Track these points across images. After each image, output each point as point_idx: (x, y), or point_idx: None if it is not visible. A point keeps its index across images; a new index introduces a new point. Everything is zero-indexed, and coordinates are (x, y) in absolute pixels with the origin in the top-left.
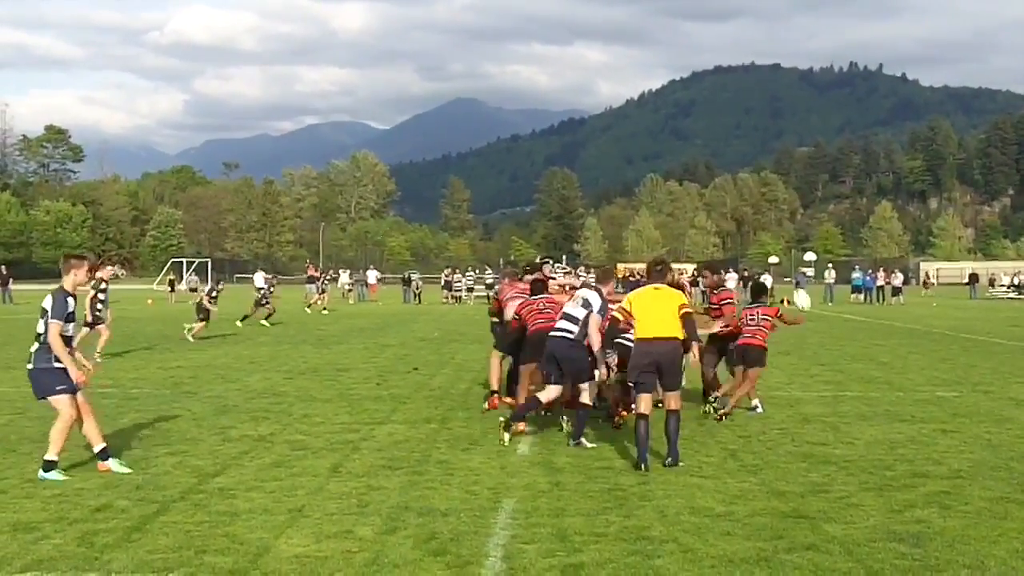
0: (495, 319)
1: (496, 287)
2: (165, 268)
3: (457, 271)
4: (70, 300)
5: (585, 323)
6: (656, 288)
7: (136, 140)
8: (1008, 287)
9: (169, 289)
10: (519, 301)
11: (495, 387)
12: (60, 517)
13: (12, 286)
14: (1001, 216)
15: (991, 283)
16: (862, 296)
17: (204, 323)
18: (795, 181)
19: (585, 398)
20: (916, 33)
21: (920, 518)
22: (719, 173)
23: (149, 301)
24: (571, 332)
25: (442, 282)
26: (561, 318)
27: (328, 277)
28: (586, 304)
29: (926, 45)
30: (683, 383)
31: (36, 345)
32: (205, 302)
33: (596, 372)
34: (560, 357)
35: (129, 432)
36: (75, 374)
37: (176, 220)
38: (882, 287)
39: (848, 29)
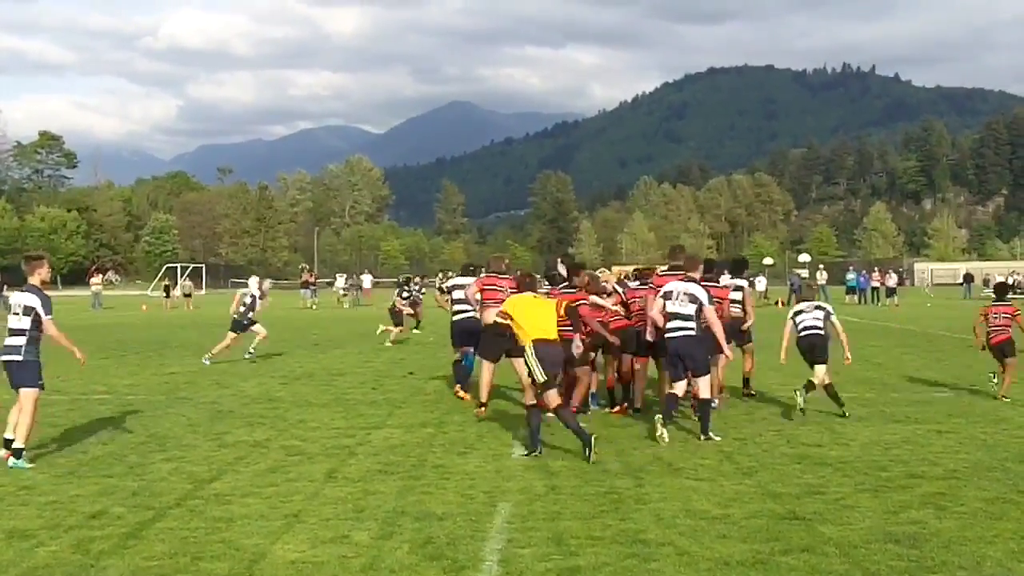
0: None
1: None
2: (160, 274)
3: (451, 273)
4: None
5: (699, 316)
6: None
7: (130, 146)
8: (990, 290)
9: (164, 295)
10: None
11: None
12: (56, 524)
13: (6, 292)
14: (995, 216)
15: (985, 283)
16: (856, 297)
17: (400, 328)
18: (789, 182)
19: (705, 392)
20: (908, 33)
21: (916, 519)
22: (713, 175)
23: (144, 307)
24: (692, 329)
25: (436, 286)
26: (672, 318)
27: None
28: (693, 299)
29: (919, 45)
30: None
31: (20, 339)
32: (398, 304)
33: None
34: (684, 354)
35: (125, 438)
36: (81, 355)
37: (170, 226)
38: (876, 288)
39: (841, 30)
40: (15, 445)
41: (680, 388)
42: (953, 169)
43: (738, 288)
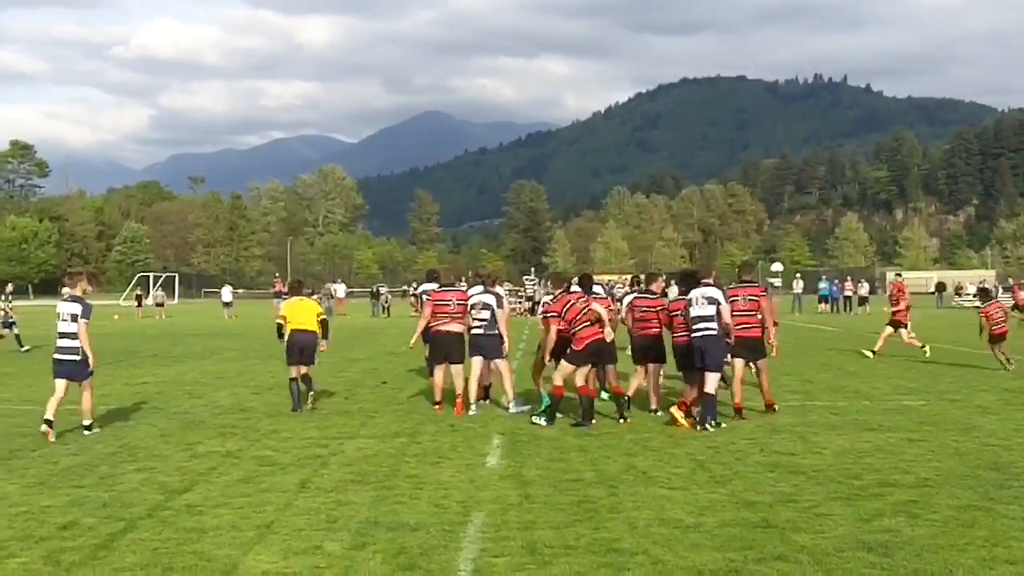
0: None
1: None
2: (132, 283)
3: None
4: None
5: (719, 316)
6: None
7: (101, 155)
8: (974, 296)
9: (136, 304)
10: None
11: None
12: (26, 535)
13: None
14: (966, 226)
15: (957, 292)
16: (828, 306)
17: None
18: (761, 192)
19: (711, 388)
20: (879, 45)
21: (888, 527)
22: (686, 185)
23: (116, 316)
24: (713, 329)
25: (410, 293)
26: (697, 320)
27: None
28: (712, 301)
29: (889, 57)
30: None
31: (75, 341)
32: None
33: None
34: (707, 351)
35: (96, 448)
36: (94, 360)
37: (142, 235)
38: (848, 297)
39: (812, 41)
40: (85, 422)
41: (712, 386)
42: (924, 179)
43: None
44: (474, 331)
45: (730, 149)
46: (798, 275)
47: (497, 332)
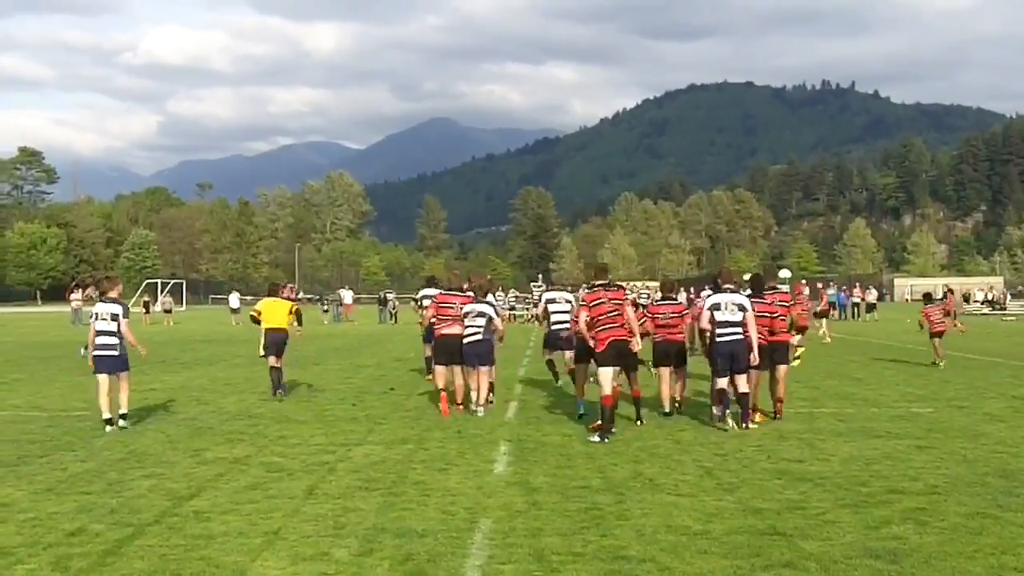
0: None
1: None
2: (139, 290)
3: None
4: None
5: (745, 323)
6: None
7: (110, 162)
8: (982, 303)
9: (143, 311)
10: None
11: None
12: (35, 541)
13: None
14: (974, 232)
15: (965, 299)
16: (836, 313)
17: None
18: (769, 198)
19: (745, 387)
20: (887, 51)
21: (896, 534)
22: (693, 191)
23: None
24: (740, 333)
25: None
26: (724, 325)
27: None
28: (741, 308)
29: (897, 63)
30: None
31: (114, 338)
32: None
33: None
34: (737, 354)
35: (103, 455)
36: (144, 350)
37: (150, 241)
38: (857, 304)
39: (819, 48)
40: (122, 411)
41: (725, 383)
42: (932, 185)
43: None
44: (467, 339)
45: (738, 155)
46: (803, 282)
47: (490, 339)
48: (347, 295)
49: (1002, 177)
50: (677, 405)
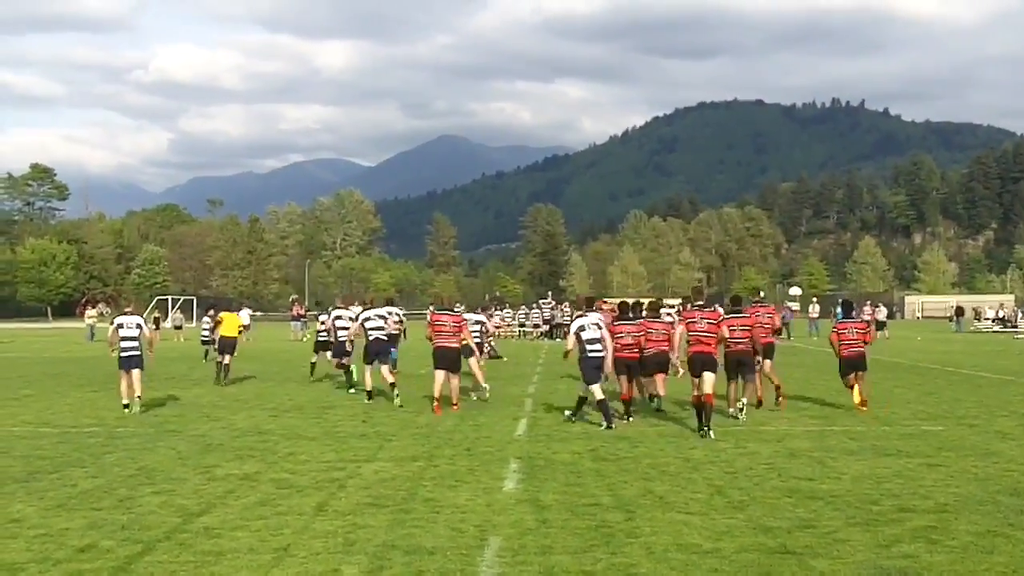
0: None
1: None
2: (150, 306)
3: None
4: None
5: (604, 338)
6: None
7: (121, 178)
8: (993, 320)
9: (154, 327)
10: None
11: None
12: (45, 557)
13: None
14: (985, 250)
15: (976, 316)
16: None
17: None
18: (779, 216)
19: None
20: (897, 69)
21: (907, 553)
22: (703, 208)
23: None
24: (601, 349)
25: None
26: (591, 342)
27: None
28: (599, 327)
29: (907, 81)
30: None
31: (136, 342)
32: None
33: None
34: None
35: (114, 471)
36: (151, 355)
37: (161, 258)
38: (867, 321)
39: (829, 66)
40: (137, 395)
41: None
42: (943, 203)
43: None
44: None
45: (747, 173)
46: (814, 299)
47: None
48: (357, 311)
49: (1013, 195)
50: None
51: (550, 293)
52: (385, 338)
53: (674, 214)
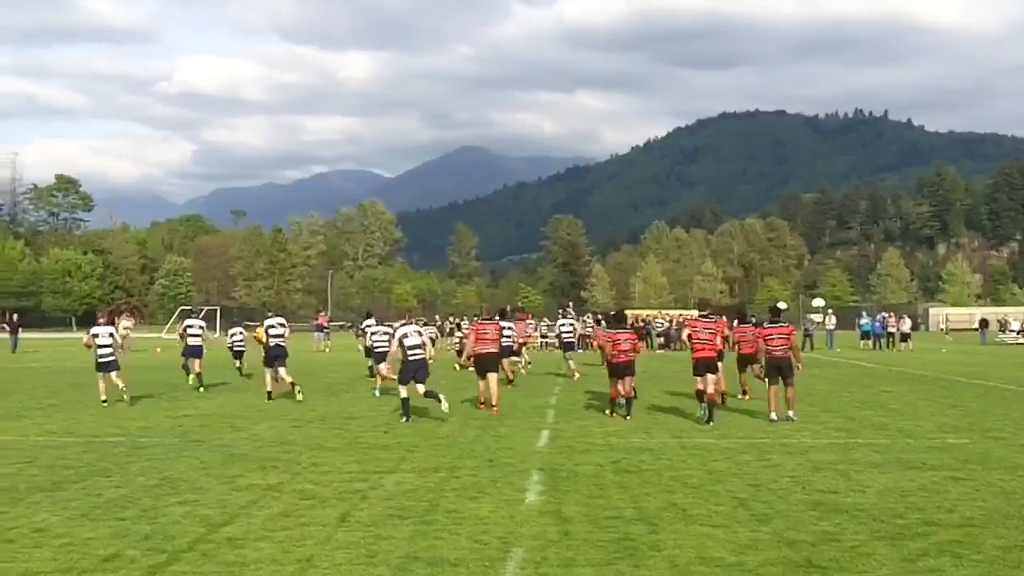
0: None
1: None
2: (174, 316)
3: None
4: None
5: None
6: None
7: (144, 189)
8: (1018, 332)
9: (178, 337)
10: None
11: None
12: (69, 567)
13: (21, 334)
14: (1009, 261)
15: (1002, 328)
16: (871, 342)
17: None
18: (802, 227)
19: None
20: (920, 79)
21: (933, 567)
22: (725, 219)
23: (158, 349)
24: (421, 353)
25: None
26: (411, 348)
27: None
28: (420, 334)
29: (931, 91)
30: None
31: (111, 348)
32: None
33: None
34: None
35: (138, 481)
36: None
37: (185, 268)
38: (891, 333)
39: (851, 76)
40: (123, 387)
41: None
42: (967, 214)
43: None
44: (411, 357)
45: (770, 183)
46: (830, 311)
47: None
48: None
49: None
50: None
51: (571, 304)
52: (422, 356)
53: (696, 225)
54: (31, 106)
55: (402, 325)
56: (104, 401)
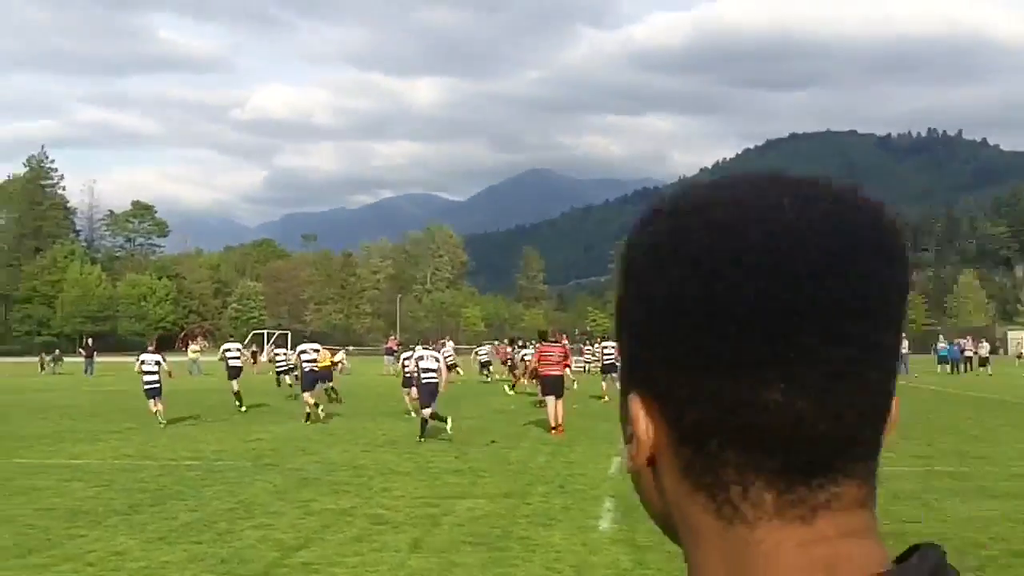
0: None
1: None
2: (246, 340)
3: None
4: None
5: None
6: None
7: (217, 214)
8: None
9: (251, 361)
10: None
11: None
12: None
13: (97, 358)
14: None
15: None
16: (948, 367)
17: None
18: None
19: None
20: (995, 97)
21: None
22: None
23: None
24: None
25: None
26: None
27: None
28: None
29: (1006, 108)
30: None
31: (156, 376)
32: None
33: None
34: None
35: (213, 504)
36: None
37: (256, 292)
38: (969, 357)
39: (924, 95)
40: (161, 412)
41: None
42: None
43: None
44: (424, 380)
45: None
46: (903, 334)
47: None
48: (448, 346)
49: None
50: None
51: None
52: (435, 380)
53: None
54: (109, 134)
55: (423, 349)
56: (160, 423)
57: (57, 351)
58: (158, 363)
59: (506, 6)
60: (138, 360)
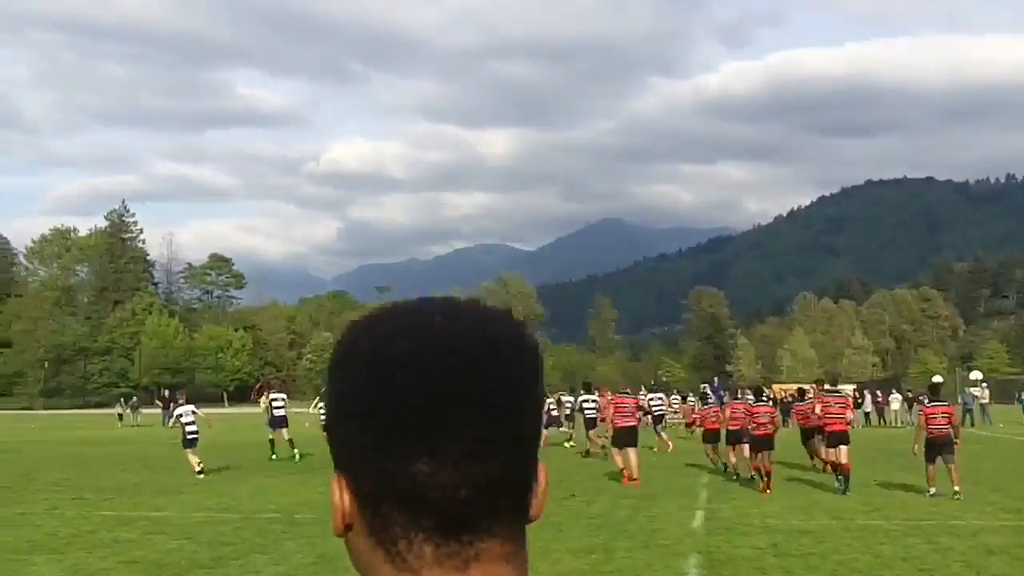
0: None
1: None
2: (321, 391)
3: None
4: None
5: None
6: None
7: (293, 266)
8: None
9: (264, 410)
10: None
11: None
12: None
13: (181, 407)
14: None
15: None
16: None
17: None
18: (955, 297)
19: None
20: None
21: None
22: (874, 289)
23: (306, 424)
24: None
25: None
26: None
27: None
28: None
29: None
30: None
31: (196, 426)
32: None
33: None
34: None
35: (295, 558)
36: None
37: (331, 344)
38: None
39: (1003, 141)
40: (201, 471)
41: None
42: None
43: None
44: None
45: (920, 252)
46: (984, 384)
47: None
48: None
49: None
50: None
51: (716, 378)
52: None
53: (844, 295)
54: (186, 188)
55: None
56: (199, 473)
57: (135, 398)
58: (194, 412)
59: (576, 57)
60: (173, 414)
